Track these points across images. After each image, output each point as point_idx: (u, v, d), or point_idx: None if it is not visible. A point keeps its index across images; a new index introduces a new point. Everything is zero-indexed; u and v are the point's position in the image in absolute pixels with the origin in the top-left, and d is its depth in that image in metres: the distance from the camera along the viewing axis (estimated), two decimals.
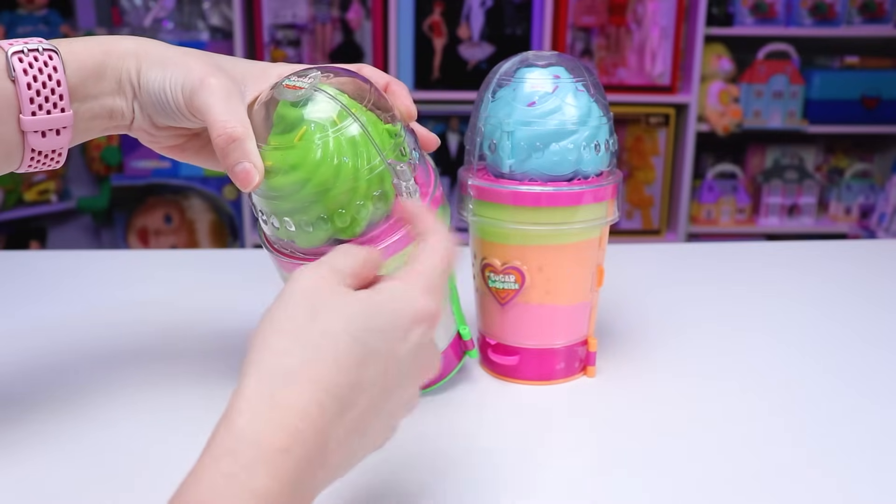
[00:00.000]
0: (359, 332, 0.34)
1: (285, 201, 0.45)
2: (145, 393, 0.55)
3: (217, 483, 0.30)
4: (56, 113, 0.44)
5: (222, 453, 0.31)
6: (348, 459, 0.35)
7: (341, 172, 0.44)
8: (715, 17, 2.29)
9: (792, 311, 0.72)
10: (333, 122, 0.44)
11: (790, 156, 2.51)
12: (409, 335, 0.36)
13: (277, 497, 0.30)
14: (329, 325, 0.34)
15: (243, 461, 0.30)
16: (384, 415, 0.36)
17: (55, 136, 0.44)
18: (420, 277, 0.38)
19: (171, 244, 2.46)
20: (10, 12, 2.30)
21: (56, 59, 0.43)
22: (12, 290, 0.76)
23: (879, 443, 0.50)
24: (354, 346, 0.34)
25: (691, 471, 0.47)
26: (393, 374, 0.36)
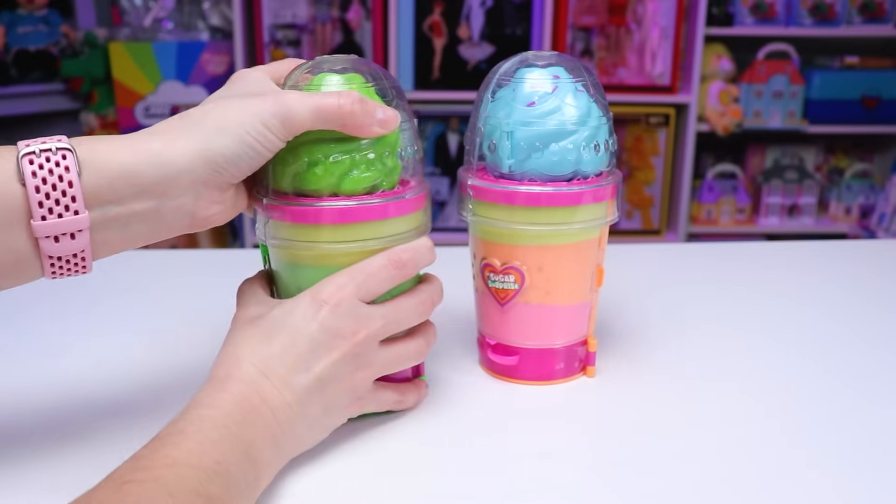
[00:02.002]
0: (267, 322, 0.46)
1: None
2: (145, 393, 0.55)
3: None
4: (68, 216, 0.41)
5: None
6: (300, 416, 0.45)
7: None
8: (715, 17, 2.29)
9: (792, 312, 0.72)
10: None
11: (790, 156, 2.51)
12: (313, 315, 0.46)
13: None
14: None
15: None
16: (317, 379, 0.46)
17: (70, 241, 0.41)
18: (338, 274, 0.47)
19: (171, 244, 2.45)
20: (11, 12, 2.30)
21: (70, 158, 0.40)
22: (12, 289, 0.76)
23: (879, 443, 0.50)
24: (263, 333, 0.46)
25: (691, 471, 0.47)
26: (303, 347, 0.45)
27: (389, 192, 0.49)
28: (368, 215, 0.48)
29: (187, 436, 0.39)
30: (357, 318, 0.47)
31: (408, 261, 0.49)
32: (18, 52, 2.28)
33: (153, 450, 0.39)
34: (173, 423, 0.41)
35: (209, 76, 2.35)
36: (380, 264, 0.48)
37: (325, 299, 0.46)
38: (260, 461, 0.42)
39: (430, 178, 2.32)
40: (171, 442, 0.39)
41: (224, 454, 0.39)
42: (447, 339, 0.64)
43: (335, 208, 0.48)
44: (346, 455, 0.48)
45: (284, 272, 0.51)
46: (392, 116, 0.47)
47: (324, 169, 0.47)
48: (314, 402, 0.46)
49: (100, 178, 0.41)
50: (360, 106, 0.46)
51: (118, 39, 2.33)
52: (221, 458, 0.39)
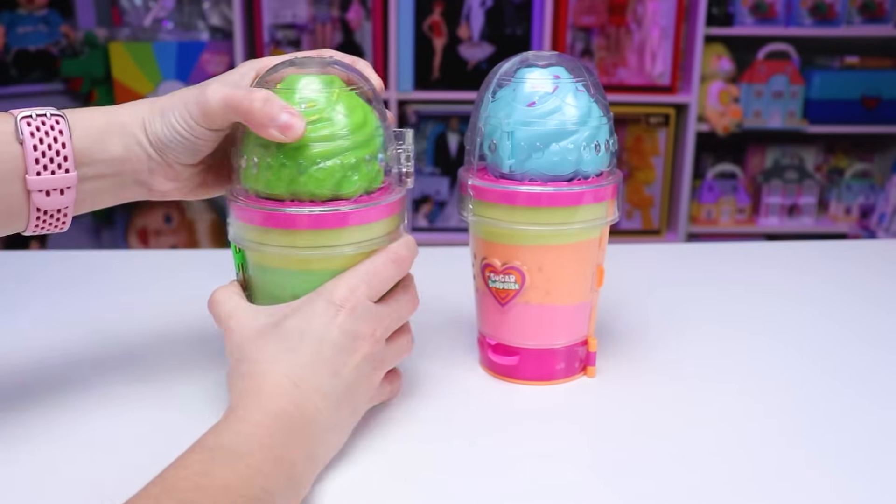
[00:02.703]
0: (282, 331, 0.46)
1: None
2: (145, 393, 0.55)
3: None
4: (60, 173, 0.46)
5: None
6: (331, 422, 0.45)
7: (367, 121, 0.49)
8: (715, 17, 2.29)
9: (791, 312, 0.72)
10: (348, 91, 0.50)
11: (790, 156, 2.51)
12: (332, 320, 0.46)
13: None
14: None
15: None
16: (343, 383, 0.46)
17: (59, 196, 0.46)
18: (346, 275, 0.48)
19: (171, 244, 2.46)
20: (11, 12, 2.30)
21: (63, 123, 0.46)
22: (12, 290, 0.76)
23: (879, 444, 0.50)
24: (285, 343, 0.46)
25: (691, 471, 0.47)
26: (328, 353, 0.46)
27: (374, 196, 0.50)
28: (356, 219, 0.48)
29: (237, 457, 0.39)
30: (371, 317, 0.48)
31: (406, 257, 0.50)
32: (18, 52, 2.28)
33: (205, 463, 0.38)
34: (215, 435, 0.41)
35: (209, 76, 2.34)
36: (384, 263, 0.49)
37: (341, 303, 0.46)
38: (300, 480, 0.42)
39: (430, 178, 2.32)
40: (224, 461, 0.39)
41: (269, 480, 0.39)
42: (447, 339, 0.64)
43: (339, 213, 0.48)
44: (345, 456, 0.48)
45: (267, 276, 0.50)
46: (297, 124, 0.46)
47: (324, 173, 0.47)
48: (344, 407, 0.46)
49: (82, 143, 0.47)
50: (263, 105, 0.46)
51: (118, 39, 2.34)
52: (267, 484, 0.39)
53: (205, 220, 2.48)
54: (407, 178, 0.52)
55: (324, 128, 0.47)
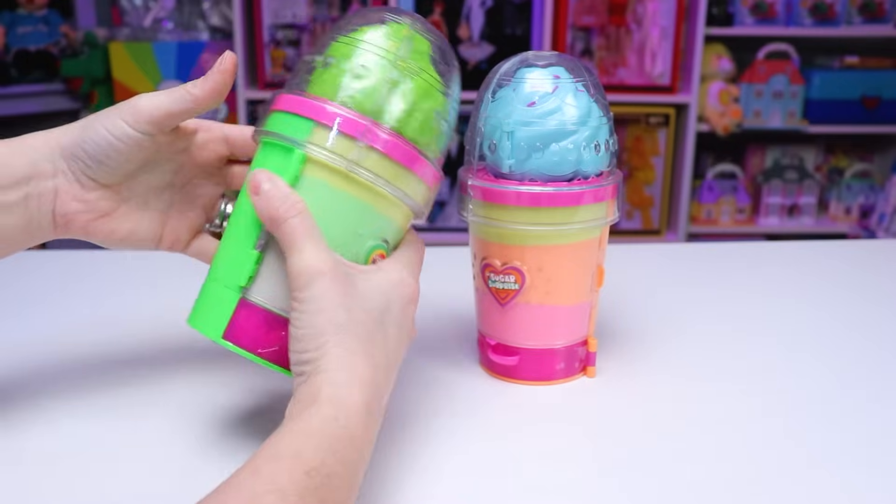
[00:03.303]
0: (376, 312, 0.43)
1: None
2: (145, 393, 0.55)
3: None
4: None
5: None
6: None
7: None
8: (715, 17, 2.29)
9: (791, 312, 0.72)
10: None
11: (790, 156, 2.51)
12: (407, 314, 0.45)
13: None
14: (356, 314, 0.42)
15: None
16: (392, 371, 0.44)
17: None
18: (407, 261, 0.46)
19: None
20: (11, 12, 2.30)
21: None
22: (12, 290, 0.76)
23: (880, 443, 0.50)
24: (377, 324, 0.43)
25: (692, 471, 0.47)
26: (394, 345, 0.44)
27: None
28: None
29: (326, 493, 0.36)
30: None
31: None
32: (18, 52, 2.28)
33: (295, 488, 0.35)
34: (312, 442, 0.37)
35: None
36: (420, 249, 0.49)
37: (415, 295, 0.46)
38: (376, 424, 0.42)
39: None
40: (316, 493, 0.36)
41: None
42: (447, 339, 0.64)
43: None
44: None
45: (339, 208, 0.45)
46: (231, 58, 0.47)
47: (430, 122, 0.47)
48: (388, 391, 0.44)
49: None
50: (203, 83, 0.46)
51: (118, 39, 2.34)
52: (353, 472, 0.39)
53: None
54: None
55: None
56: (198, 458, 0.47)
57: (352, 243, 0.45)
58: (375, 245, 0.46)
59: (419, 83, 0.46)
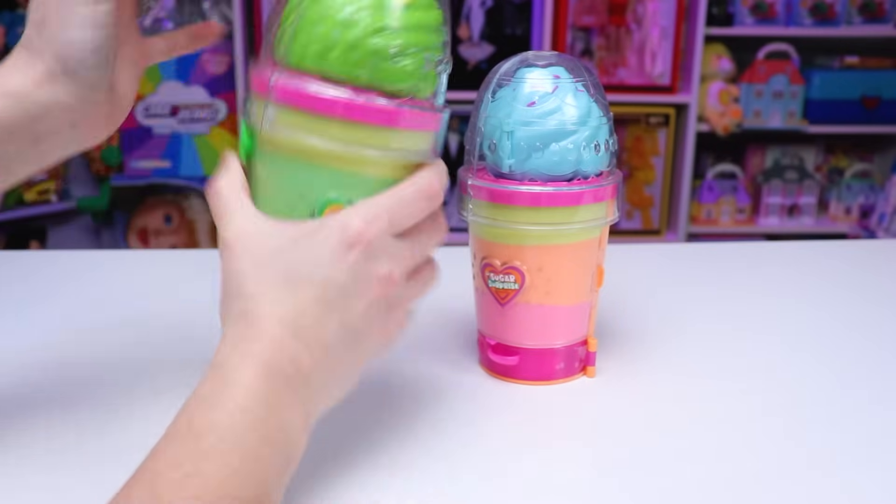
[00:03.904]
0: (286, 263, 0.40)
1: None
2: (145, 392, 0.55)
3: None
4: None
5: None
6: (331, 375, 0.41)
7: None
8: (715, 17, 2.29)
9: (792, 311, 0.72)
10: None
11: (790, 156, 2.51)
12: (343, 258, 0.40)
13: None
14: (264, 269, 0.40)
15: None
16: (348, 332, 0.41)
17: None
18: (364, 205, 0.41)
19: (171, 244, 2.46)
20: (11, 12, 2.30)
21: None
22: (12, 290, 0.76)
23: (880, 443, 0.50)
24: (287, 282, 0.39)
25: (692, 471, 0.47)
26: (334, 296, 0.40)
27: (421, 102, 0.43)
28: (409, 123, 0.42)
29: (230, 446, 0.35)
30: (389, 256, 0.41)
31: (438, 192, 0.44)
32: None
33: (196, 461, 0.35)
34: (202, 409, 0.37)
35: (209, 76, 2.35)
36: (413, 197, 0.42)
37: (355, 238, 0.40)
38: (295, 448, 0.39)
39: None
40: (216, 454, 0.35)
41: (264, 464, 0.36)
42: (447, 339, 0.64)
43: (407, 112, 0.42)
44: (343, 455, 0.48)
45: (288, 174, 0.43)
46: None
47: (414, 64, 0.42)
48: (347, 357, 0.41)
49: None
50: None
51: None
52: (263, 473, 0.36)
53: (205, 220, 2.48)
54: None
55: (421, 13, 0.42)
56: None
57: (299, 206, 0.42)
58: (330, 201, 0.42)
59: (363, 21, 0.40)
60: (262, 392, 0.37)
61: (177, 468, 0.34)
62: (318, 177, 0.42)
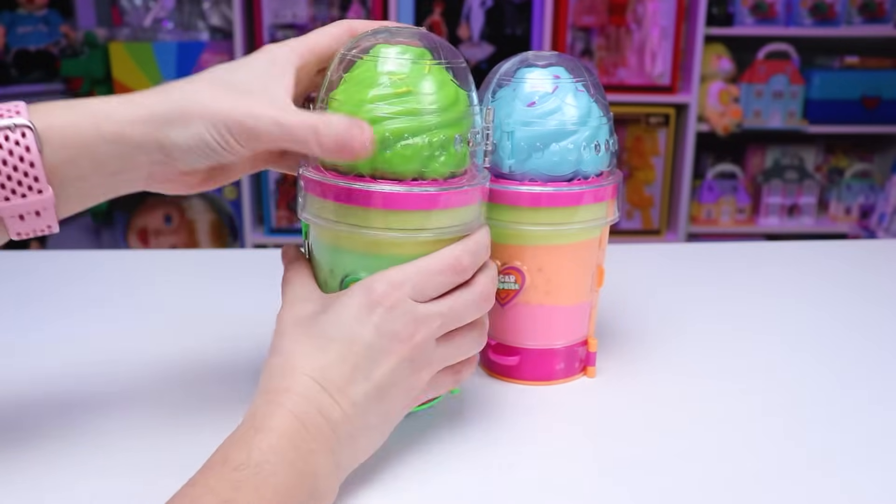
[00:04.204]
0: (318, 323, 0.44)
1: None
2: (144, 393, 0.55)
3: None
4: (33, 196, 0.40)
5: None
6: (359, 428, 0.43)
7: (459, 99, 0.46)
8: (715, 17, 2.29)
9: (792, 311, 0.72)
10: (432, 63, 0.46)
11: (790, 156, 2.51)
12: (367, 318, 0.43)
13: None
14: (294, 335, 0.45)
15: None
16: (374, 387, 0.43)
17: (35, 218, 0.41)
18: (391, 270, 0.44)
19: (171, 244, 2.46)
20: (11, 12, 2.30)
21: (30, 136, 0.39)
22: (12, 290, 0.76)
23: (880, 443, 0.50)
24: (317, 340, 0.43)
25: (692, 471, 0.47)
26: (359, 353, 0.43)
27: (457, 180, 0.46)
28: (440, 203, 0.45)
29: (262, 480, 0.38)
30: (414, 318, 0.44)
31: (468, 266, 0.46)
32: (18, 52, 2.28)
33: (230, 491, 0.37)
34: (238, 448, 0.39)
35: None
36: (440, 267, 0.45)
37: (378, 300, 0.43)
38: (324, 494, 0.41)
39: None
40: (249, 487, 0.37)
41: (293, 501, 0.38)
42: None
43: (388, 193, 0.44)
44: None
45: (322, 254, 0.48)
46: (368, 140, 0.43)
47: (411, 150, 0.44)
48: (373, 412, 0.43)
49: (60, 155, 0.40)
50: (338, 133, 0.42)
51: (118, 39, 2.34)
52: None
53: (205, 220, 2.48)
54: (487, 157, 0.48)
55: (411, 102, 0.44)
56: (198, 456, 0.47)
57: (330, 281, 0.48)
58: (352, 279, 0.46)
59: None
60: (291, 437, 0.40)
61: (214, 495, 0.37)
62: (341, 255, 0.47)
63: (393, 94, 0.44)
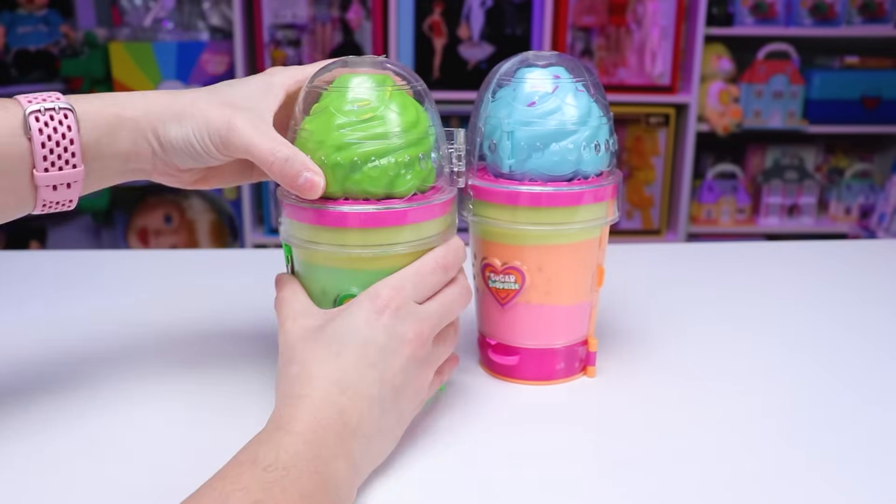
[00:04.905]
0: (329, 333, 0.46)
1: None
2: (144, 392, 0.55)
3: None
4: (68, 169, 0.46)
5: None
6: (375, 428, 0.45)
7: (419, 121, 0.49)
8: (715, 17, 2.29)
9: (792, 312, 0.72)
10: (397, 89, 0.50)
11: (790, 156, 2.51)
12: (376, 322, 0.46)
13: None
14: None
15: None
16: (389, 387, 0.46)
17: (66, 189, 0.47)
18: (391, 277, 0.47)
19: (171, 244, 2.46)
20: (11, 12, 2.30)
21: (71, 117, 0.46)
22: (12, 290, 0.76)
23: (879, 444, 0.50)
24: (331, 346, 0.45)
25: (691, 471, 0.47)
26: (373, 355, 0.45)
27: (426, 195, 0.50)
28: (409, 218, 0.48)
29: (290, 482, 0.39)
30: (417, 318, 0.47)
31: (453, 264, 0.50)
32: (18, 52, 2.28)
33: (261, 491, 0.38)
34: (266, 448, 0.40)
35: (209, 76, 2.35)
36: (431, 268, 0.48)
37: (384, 304, 0.46)
38: (344, 496, 0.42)
39: None
40: (279, 488, 0.38)
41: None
42: None
43: (363, 213, 0.48)
44: None
45: (309, 274, 0.51)
46: (317, 183, 0.47)
47: (378, 171, 0.47)
48: (389, 413, 0.46)
49: (90, 136, 0.47)
50: (284, 165, 0.47)
51: (118, 39, 2.33)
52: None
53: (205, 220, 2.48)
54: (458, 178, 0.52)
55: (377, 126, 0.47)
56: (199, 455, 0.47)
57: (322, 299, 0.50)
58: (345, 295, 0.49)
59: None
60: (315, 442, 0.41)
61: (245, 493, 0.38)
62: (330, 275, 0.50)
63: (358, 120, 0.47)
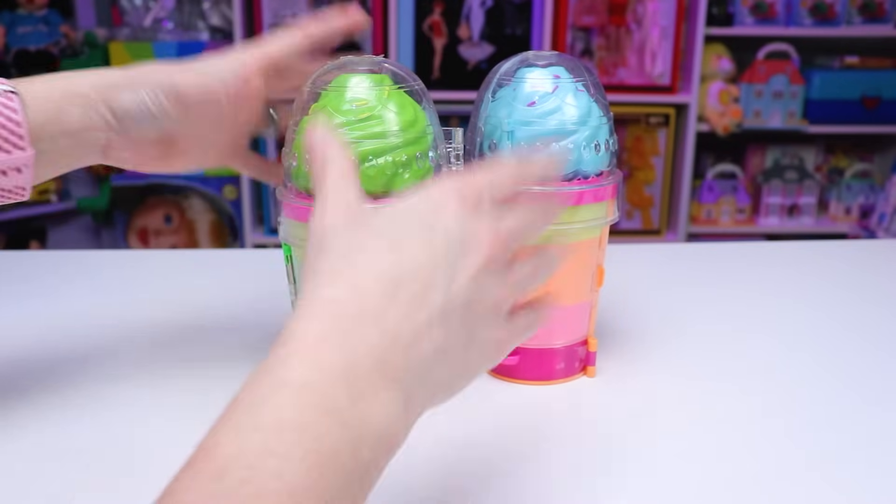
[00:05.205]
0: (385, 222, 0.35)
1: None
2: (144, 392, 0.55)
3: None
4: (17, 153, 0.45)
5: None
6: (437, 355, 0.34)
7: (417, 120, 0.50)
8: (715, 17, 2.29)
9: (792, 312, 0.72)
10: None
11: (790, 156, 2.51)
12: (444, 204, 0.35)
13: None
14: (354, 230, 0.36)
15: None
16: (457, 299, 0.34)
17: (17, 175, 0.45)
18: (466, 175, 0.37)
19: (171, 244, 2.46)
20: (11, 12, 2.30)
21: (16, 100, 0.45)
22: (12, 290, 0.76)
23: (879, 444, 0.50)
24: (381, 240, 0.34)
25: (691, 471, 0.47)
26: (441, 248, 0.34)
27: None
28: None
29: (311, 441, 0.29)
30: (493, 217, 0.36)
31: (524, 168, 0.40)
32: (18, 52, 2.28)
33: (270, 458, 0.29)
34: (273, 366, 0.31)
35: None
36: (507, 173, 0.39)
37: (459, 191, 0.36)
38: (389, 435, 0.33)
39: None
40: (297, 453, 0.29)
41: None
42: None
43: None
44: None
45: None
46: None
47: (375, 170, 0.48)
48: (457, 328, 0.34)
49: (38, 117, 0.46)
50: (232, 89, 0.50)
51: (118, 39, 2.34)
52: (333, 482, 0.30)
53: (205, 220, 2.48)
54: None
55: (375, 125, 0.48)
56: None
57: None
58: None
59: None
60: (336, 377, 0.30)
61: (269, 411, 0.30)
62: None
63: (356, 120, 0.48)
